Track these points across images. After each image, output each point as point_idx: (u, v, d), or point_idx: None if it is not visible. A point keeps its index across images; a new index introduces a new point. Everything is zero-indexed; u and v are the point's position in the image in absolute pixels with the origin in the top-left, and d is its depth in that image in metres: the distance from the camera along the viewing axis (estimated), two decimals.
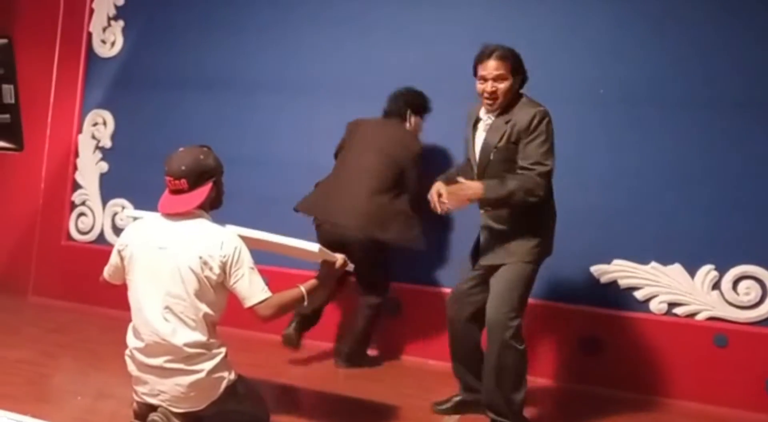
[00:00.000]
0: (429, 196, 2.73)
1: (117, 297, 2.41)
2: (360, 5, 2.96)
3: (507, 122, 2.65)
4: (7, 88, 4.28)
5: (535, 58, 3.62)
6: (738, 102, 3.37)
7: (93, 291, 2.39)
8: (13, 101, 4.24)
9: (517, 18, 3.75)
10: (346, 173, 3.46)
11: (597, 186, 3.55)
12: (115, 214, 4.57)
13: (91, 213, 4.64)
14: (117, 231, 4.43)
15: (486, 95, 2.66)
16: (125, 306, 2.32)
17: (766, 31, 3.35)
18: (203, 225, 2.18)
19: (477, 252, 2.84)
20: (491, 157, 2.69)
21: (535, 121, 2.61)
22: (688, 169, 3.42)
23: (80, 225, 4.66)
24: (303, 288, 2.28)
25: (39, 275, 4.68)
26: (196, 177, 2.18)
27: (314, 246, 2.30)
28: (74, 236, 4.67)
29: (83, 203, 4.67)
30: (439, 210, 2.68)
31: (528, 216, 2.66)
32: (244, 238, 2.25)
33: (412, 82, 3.63)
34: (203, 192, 2.19)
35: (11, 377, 2.98)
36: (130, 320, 2.30)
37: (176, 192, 2.19)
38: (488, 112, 2.73)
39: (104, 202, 4.61)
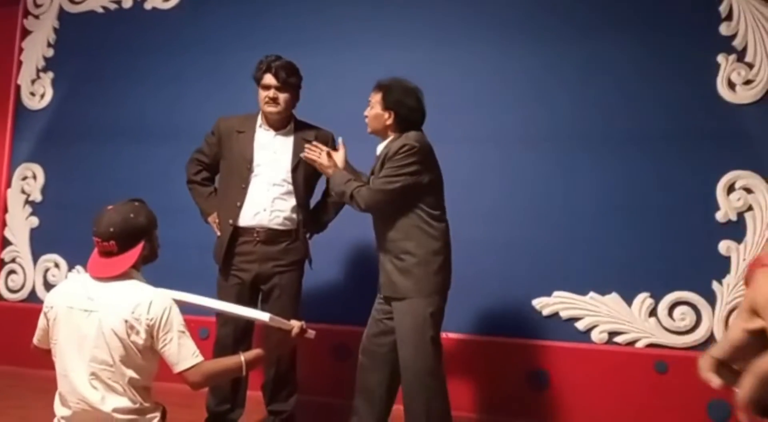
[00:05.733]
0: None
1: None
2: (304, 55, 3.01)
3: (386, 150, 2.72)
4: None
5: (464, 101, 3.75)
6: (662, 135, 3.51)
7: (26, 353, 2.28)
8: None
9: (446, 62, 3.82)
10: None
11: (531, 221, 3.63)
12: (47, 270, 4.41)
13: (22, 271, 4.46)
14: (49, 287, 4.24)
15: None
16: None
17: (684, 69, 3.51)
18: (132, 287, 2.08)
19: None
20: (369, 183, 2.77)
21: (402, 149, 2.64)
22: (617, 201, 3.53)
23: (10, 284, 4.48)
24: (243, 358, 2.10)
25: None
26: (126, 238, 2.07)
27: (264, 316, 2.12)
28: (4, 295, 4.47)
29: (13, 260, 4.49)
30: (306, 152, 2.86)
31: (419, 246, 2.65)
32: (184, 303, 2.12)
33: (346, 124, 3.63)
34: (134, 253, 2.08)
35: None
36: None
37: (106, 254, 2.09)
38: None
39: (35, 258, 4.45)
